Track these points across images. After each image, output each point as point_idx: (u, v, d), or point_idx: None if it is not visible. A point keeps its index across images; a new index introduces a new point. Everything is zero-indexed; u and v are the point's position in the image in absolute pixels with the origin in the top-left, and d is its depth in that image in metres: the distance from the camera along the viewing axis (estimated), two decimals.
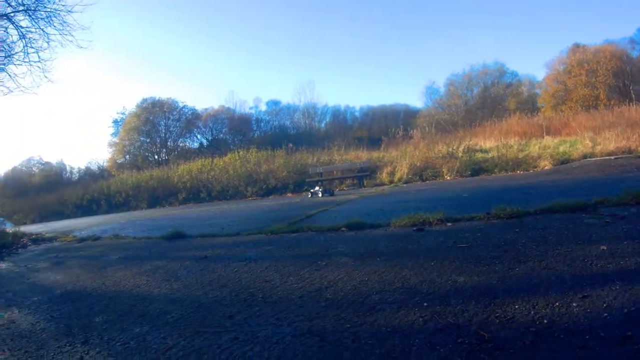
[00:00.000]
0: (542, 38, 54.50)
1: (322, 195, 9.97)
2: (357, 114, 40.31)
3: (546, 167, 10.36)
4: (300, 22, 62.42)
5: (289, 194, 12.15)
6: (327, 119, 39.69)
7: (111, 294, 3.17)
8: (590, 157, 10.84)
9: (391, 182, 11.55)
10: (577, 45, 32.50)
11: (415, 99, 72.21)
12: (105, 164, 35.51)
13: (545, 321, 1.74)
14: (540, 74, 41.55)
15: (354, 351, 1.69)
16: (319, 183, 11.74)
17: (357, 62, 61.36)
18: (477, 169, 11.20)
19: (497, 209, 4.05)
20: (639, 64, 30.31)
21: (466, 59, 69.14)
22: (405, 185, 10.74)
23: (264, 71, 61.57)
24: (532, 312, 1.84)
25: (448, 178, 10.95)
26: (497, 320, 1.80)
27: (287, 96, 71.60)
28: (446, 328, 1.77)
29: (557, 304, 1.91)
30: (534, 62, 65.69)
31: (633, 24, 53.84)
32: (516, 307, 1.92)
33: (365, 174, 12.19)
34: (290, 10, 61.60)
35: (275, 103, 40.44)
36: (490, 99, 33.79)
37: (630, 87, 29.50)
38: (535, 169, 10.48)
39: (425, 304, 2.08)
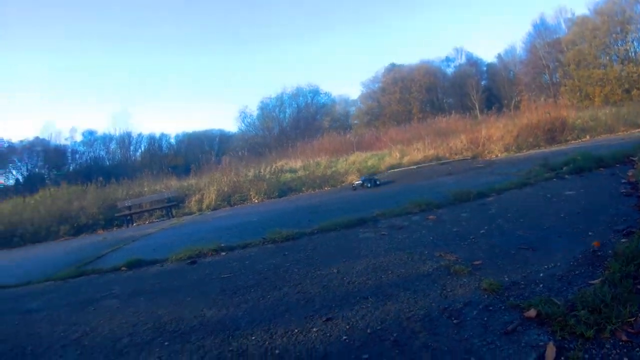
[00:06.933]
0: (362, 60, 59.89)
1: None
2: (172, 141, 38.82)
3: (354, 182, 10.55)
4: (116, 48, 56.10)
5: (100, 231, 10.53)
6: (143, 148, 37.15)
7: None
8: (397, 168, 11.60)
9: (200, 210, 10.94)
10: (393, 65, 36.17)
11: (231, 124, 72.16)
12: None
13: (277, 351, 1.85)
14: (356, 94, 43.90)
15: None
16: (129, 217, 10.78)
17: (173, 89, 58.89)
18: (285, 190, 11.22)
19: (271, 232, 4.19)
20: (452, 79, 34.04)
21: (281, 83, 72.19)
22: (212, 212, 10.33)
23: (80, 98, 53.68)
24: (268, 342, 1.94)
25: (256, 201, 10.79)
26: (230, 355, 1.89)
27: (105, 125, 63.00)
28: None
29: (297, 330, 2.03)
30: (352, 82, 73.09)
31: (450, 44, 63.46)
32: (253, 338, 2.01)
33: (173, 204, 11.36)
34: (106, 37, 54.65)
35: (91, 133, 35.84)
36: (304, 119, 34.97)
37: (444, 100, 33.30)
38: (342, 184, 10.86)
39: (166, 343, 2.10)
